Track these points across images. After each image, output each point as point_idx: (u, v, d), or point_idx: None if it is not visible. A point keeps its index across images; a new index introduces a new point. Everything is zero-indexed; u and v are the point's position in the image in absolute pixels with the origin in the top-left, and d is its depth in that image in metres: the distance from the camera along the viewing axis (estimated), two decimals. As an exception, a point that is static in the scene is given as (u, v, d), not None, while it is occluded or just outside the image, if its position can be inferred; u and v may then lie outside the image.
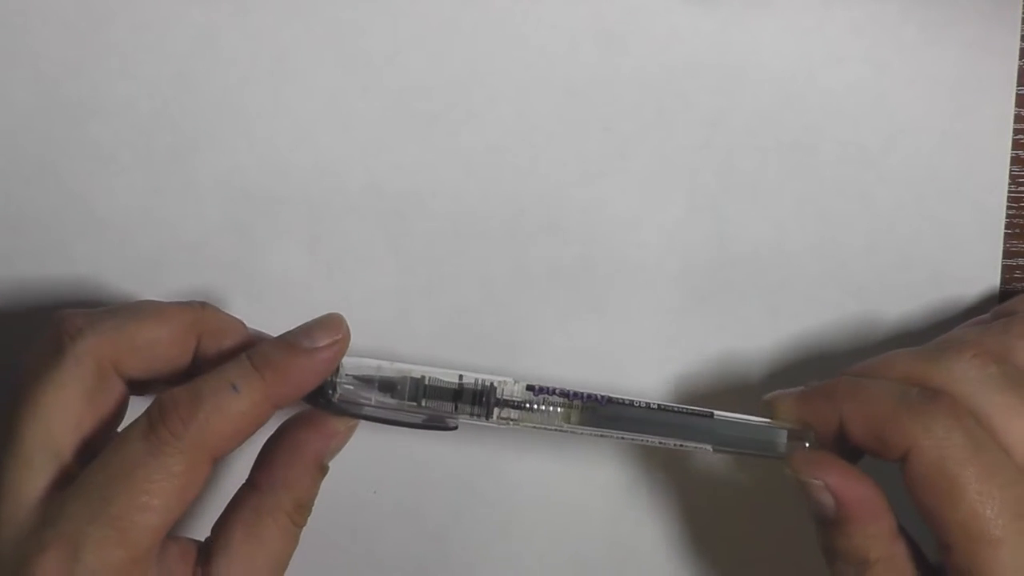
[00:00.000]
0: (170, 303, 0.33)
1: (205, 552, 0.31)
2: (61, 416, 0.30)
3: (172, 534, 0.32)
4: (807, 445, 0.33)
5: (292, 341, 0.31)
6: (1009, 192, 0.38)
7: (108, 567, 0.28)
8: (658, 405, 0.33)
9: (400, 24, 0.38)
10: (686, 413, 0.33)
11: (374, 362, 0.33)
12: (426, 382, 0.33)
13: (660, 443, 0.33)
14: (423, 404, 0.33)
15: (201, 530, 0.33)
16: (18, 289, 0.38)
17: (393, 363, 0.33)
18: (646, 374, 0.39)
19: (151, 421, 0.29)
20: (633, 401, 0.33)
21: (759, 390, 0.38)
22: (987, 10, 0.38)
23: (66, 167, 0.38)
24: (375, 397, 0.33)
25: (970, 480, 0.29)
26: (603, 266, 0.38)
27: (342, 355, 0.32)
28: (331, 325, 0.31)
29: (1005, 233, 0.38)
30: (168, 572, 0.31)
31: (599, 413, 0.33)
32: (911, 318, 0.38)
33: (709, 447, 0.33)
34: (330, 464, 0.33)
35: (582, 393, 0.33)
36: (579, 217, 0.38)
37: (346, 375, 0.32)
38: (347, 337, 0.31)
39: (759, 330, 0.38)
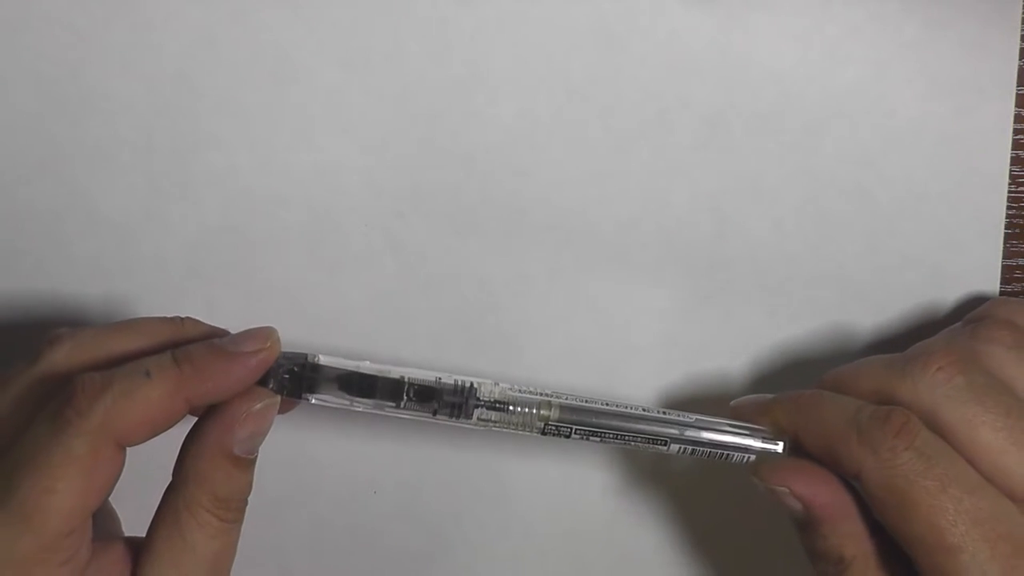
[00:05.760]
0: (152, 317, 0.32)
1: (137, 553, 0.31)
2: (20, 419, 0.30)
3: (117, 536, 0.32)
4: (781, 449, 0.33)
5: (217, 343, 0.31)
6: (1009, 192, 0.38)
7: (18, 555, 0.28)
8: (636, 409, 0.34)
9: (400, 24, 0.38)
10: (662, 417, 0.34)
11: (353, 362, 0.33)
12: (406, 382, 0.33)
13: (635, 447, 0.34)
14: (402, 405, 0.33)
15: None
16: (19, 289, 0.38)
17: (373, 363, 0.33)
18: (645, 374, 0.39)
19: (58, 403, 0.29)
20: (607, 404, 0.34)
21: (759, 390, 0.38)
22: (987, 10, 0.38)
23: (66, 167, 0.38)
24: (354, 397, 0.32)
25: (921, 495, 0.29)
26: (603, 266, 0.38)
27: (267, 365, 0.31)
28: (259, 336, 0.31)
29: (1005, 233, 0.38)
30: (104, 574, 0.30)
31: (576, 417, 0.33)
32: (911, 318, 0.38)
33: (686, 449, 0.34)
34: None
35: (559, 422, 0.33)
36: (579, 217, 0.38)
37: (325, 374, 0.32)
38: (275, 349, 0.31)
39: (759, 330, 0.39)
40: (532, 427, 0.33)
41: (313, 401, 0.32)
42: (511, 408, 0.33)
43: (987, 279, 0.38)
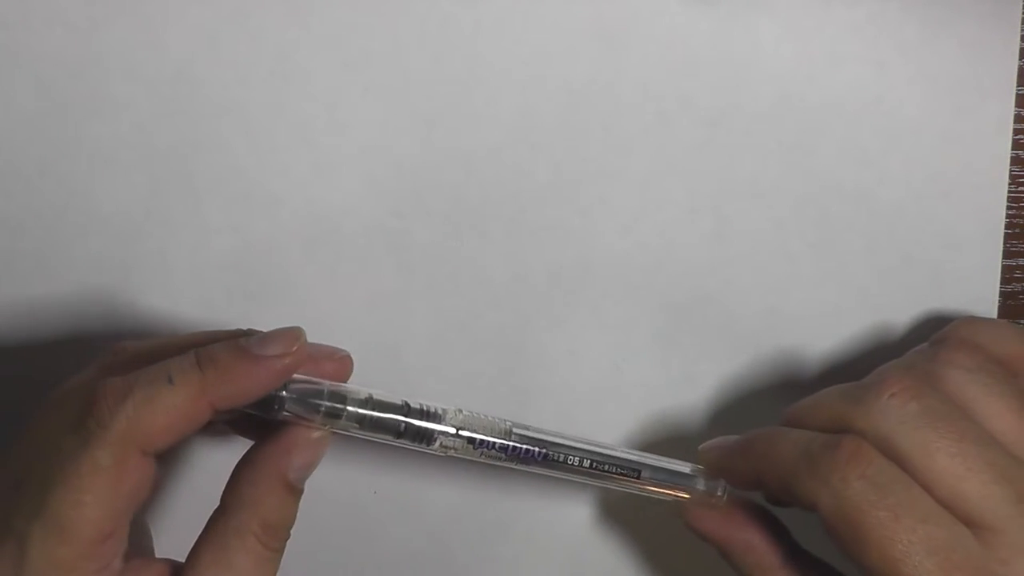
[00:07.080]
0: (177, 363, 0.30)
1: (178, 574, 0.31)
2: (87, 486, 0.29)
3: (155, 554, 0.32)
4: (721, 492, 0.35)
5: (242, 344, 0.30)
6: (1009, 192, 0.38)
7: (53, 565, 0.28)
8: (590, 463, 0.34)
9: (400, 24, 0.38)
10: (615, 474, 0.35)
11: (317, 381, 0.31)
12: (371, 404, 0.32)
13: (584, 481, 0.35)
14: (366, 426, 0.32)
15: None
16: (19, 289, 0.38)
17: (339, 384, 0.32)
18: (645, 374, 0.39)
19: (80, 413, 0.29)
20: (568, 459, 0.34)
21: (757, 390, 0.39)
22: (987, 10, 0.38)
23: (66, 167, 0.38)
24: (319, 417, 0.31)
25: (874, 525, 0.29)
26: (603, 266, 0.38)
27: (293, 370, 0.30)
28: (286, 338, 0.30)
29: (1005, 233, 0.38)
30: None
31: (534, 448, 0.34)
32: (911, 319, 0.38)
33: (635, 490, 0.35)
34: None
35: (520, 448, 0.34)
36: (579, 217, 0.38)
37: (292, 389, 0.31)
38: (301, 353, 0.30)
39: (758, 330, 0.39)
40: (493, 456, 0.33)
41: (280, 418, 0.31)
42: (471, 436, 0.33)
43: (987, 279, 0.38)
